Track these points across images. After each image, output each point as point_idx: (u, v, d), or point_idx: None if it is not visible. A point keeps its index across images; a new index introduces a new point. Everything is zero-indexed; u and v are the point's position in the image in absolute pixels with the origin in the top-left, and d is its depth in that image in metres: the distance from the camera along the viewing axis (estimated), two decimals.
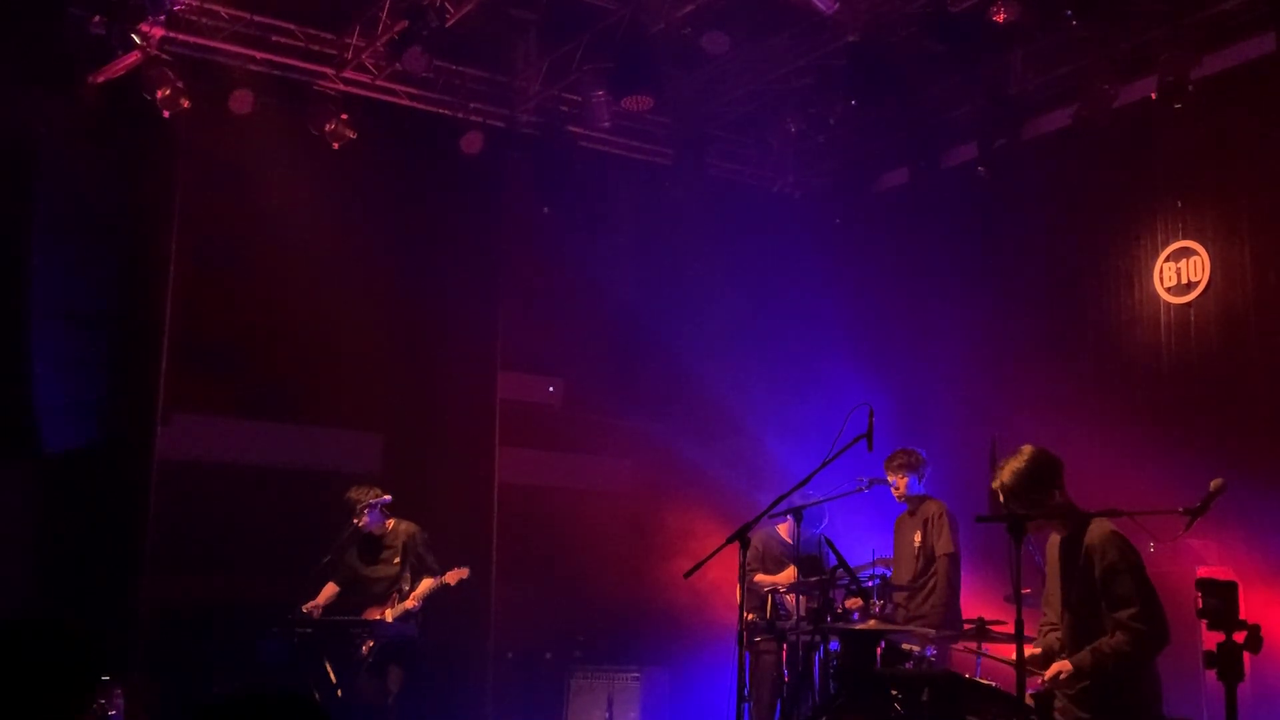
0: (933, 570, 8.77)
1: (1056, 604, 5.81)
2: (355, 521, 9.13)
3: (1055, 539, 5.89)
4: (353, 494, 9.21)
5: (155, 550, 9.71)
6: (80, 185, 9.79)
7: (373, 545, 9.36)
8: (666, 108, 11.16)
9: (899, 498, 8.98)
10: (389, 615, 9.02)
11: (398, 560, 9.25)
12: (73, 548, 9.39)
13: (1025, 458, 5.71)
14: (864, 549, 9.05)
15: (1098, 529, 5.62)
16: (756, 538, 9.29)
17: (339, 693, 8.78)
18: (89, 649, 3.04)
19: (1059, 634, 5.76)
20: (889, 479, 8.89)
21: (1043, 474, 5.69)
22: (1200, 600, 4.32)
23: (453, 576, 9.21)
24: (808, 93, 10.89)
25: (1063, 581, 5.77)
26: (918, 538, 8.86)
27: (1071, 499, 5.76)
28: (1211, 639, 4.33)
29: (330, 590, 9.29)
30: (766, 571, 9.41)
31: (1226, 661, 4.23)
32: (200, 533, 10.20)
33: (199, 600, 10.04)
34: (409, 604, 9.06)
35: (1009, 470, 5.70)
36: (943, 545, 8.76)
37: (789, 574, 9.09)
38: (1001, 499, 5.72)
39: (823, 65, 10.37)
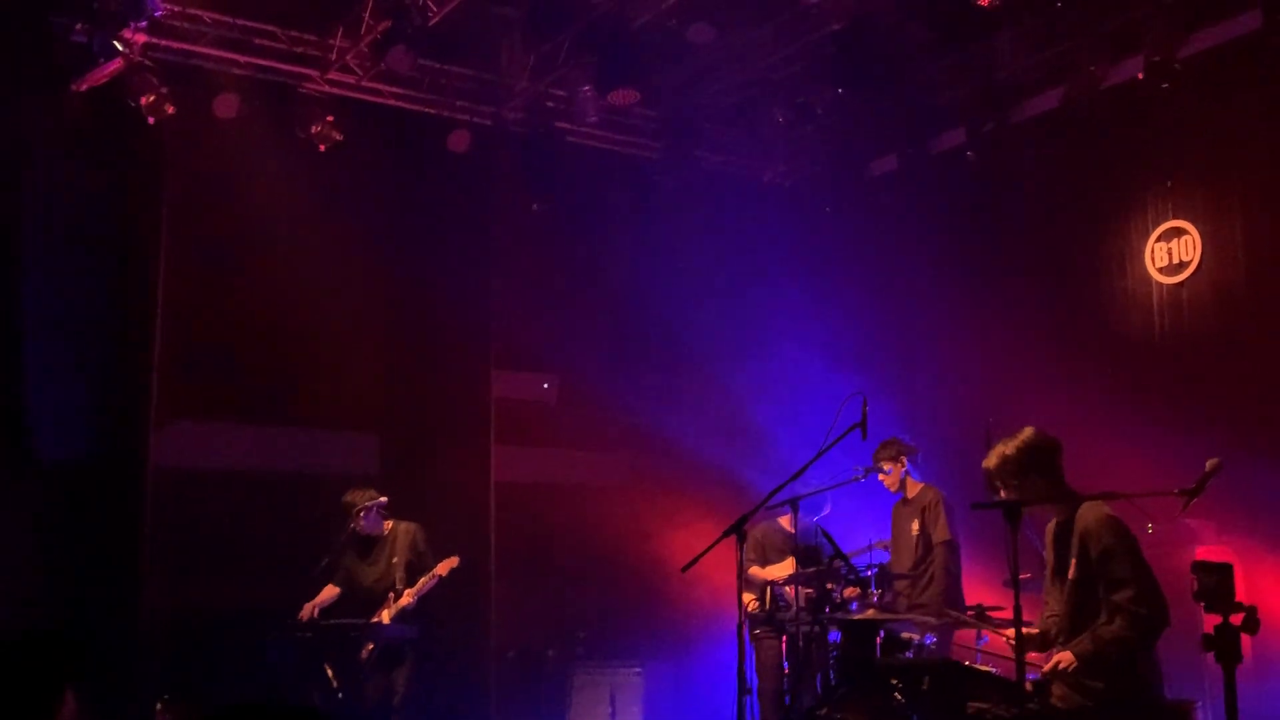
0: (931, 558, 8.76)
1: (1056, 591, 5.78)
2: (352, 525, 9.14)
3: (1051, 524, 5.85)
4: (349, 497, 9.23)
5: (154, 558, 9.70)
6: (67, 193, 9.75)
7: (370, 547, 9.36)
8: (654, 101, 11.13)
9: (890, 487, 8.95)
10: (386, 617, 9.01)
11: (395, 560, 9.23)
12: (72, 557, 9.36)
13: (1018, 442, 5.65)
14: (861, 538, 9.04)
15: (1091, 512, 5.58)
16: (757, 530, 9.31)
17: (342, 696, 8.77)
18: (49, 660, 3.00)
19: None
20: (880, 468, 8.86)
21: (1034, 458, 5.63)
22: (1196, 583, 4.31)
23: (444, 567, 9.14)
24: (795, 82, 10.88)
25: (1056, 565, 5.73)
26: (915, 526, 8.84)
27: (1068, 482, 5.72)
28: (1211, 620, 4.32)
29: (330, 593, 9.32)
30: (768, 562, 9.37)
31: (1224, 644, 4.22)
32: (198, 539, 10.13)
33: (199, 607, 9.98)
34: (404, 601, 9.03)
35: (997, 454, 5.65)
36: (940, 533, 8.74)
37: (786, 566, 9.06)
38: (990, 482, 5.68)
39: (809, 54, 10.37)
